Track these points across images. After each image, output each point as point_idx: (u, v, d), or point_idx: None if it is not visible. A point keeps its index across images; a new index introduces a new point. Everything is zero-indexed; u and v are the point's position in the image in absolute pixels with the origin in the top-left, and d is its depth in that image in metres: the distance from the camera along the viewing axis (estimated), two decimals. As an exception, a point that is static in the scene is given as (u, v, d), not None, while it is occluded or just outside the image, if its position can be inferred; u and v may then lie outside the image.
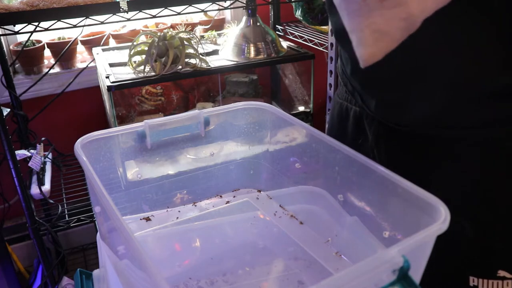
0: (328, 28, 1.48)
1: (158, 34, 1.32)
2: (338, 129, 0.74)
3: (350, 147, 0.56)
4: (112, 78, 1.26)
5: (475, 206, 0.58)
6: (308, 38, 1.54)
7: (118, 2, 1.16)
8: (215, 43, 1.57)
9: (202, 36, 1.60)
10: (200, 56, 1.34)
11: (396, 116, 0.61)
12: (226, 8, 1.43)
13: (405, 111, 0.59)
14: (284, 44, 1.53)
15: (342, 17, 0.43)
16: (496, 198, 0.57)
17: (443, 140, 0.58)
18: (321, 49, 1.49)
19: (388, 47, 0.42)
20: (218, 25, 1.80)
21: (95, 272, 0.62)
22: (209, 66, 1.34)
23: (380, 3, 0.40)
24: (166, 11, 1.25)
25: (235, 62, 1.40)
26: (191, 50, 1.34)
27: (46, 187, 1.33)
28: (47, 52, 1.65)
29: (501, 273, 0.58)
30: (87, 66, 1.64)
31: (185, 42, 1.33)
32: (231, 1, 1.39)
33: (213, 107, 1.30)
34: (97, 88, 1.64)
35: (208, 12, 1.58)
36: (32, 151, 1.44)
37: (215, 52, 1.48)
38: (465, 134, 0.56)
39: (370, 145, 0.66)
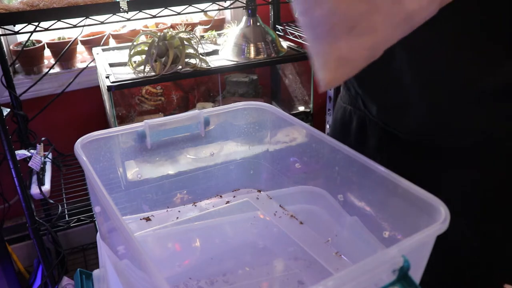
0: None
1: (158, 34, 1.32)
2: (340, 132, 0.74)
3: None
4: (112, 78, 1.26)
5: (475, 207, 0.58)
6: (308, 38, 1.54)
7: (118, 2, 1.16)
8: (215, 43, 1.57)
9: (202, 36, 1.60)
10: (200, 56, 1.34)
11: (397, 120, 0.61)
12: (226, 8, 1.43)
13: (405, 113, 0.59)
14: (284, 44, 1.53)
15: (306, 39, 0.43)
16: (496, 198, 0.57)
17: (444, 143, 0.57)
18: (321, 49, 1.48)
19: (349, 73, 0.42)
20: (218, 25, 1.80)
21: (95, 272, 0.62)
22: (209, 66, 1.34)
23: (347, 32, 0.39)
24: (166, 11, 1.25)
25: (235, 62, 1.40)
26: (191, 50, 1.34)
27: (46, 187, 1.33)
28: (47, 52, 1.65)
29: (507, 287, 0.57)
30: (87, 66, 1.64)
31: (185, 42, 1.33)
32: (231, 1, 1.39)
33: (213, 107, 1.30)
34: (97, 88, 1.64)
35: (208, 12, 1.58)
36: (32, 151, 1.44)
37: (215, 52, 1.48)
38: (465, 136, 0.56)
39: (373, 151, 0.66)
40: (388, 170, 0.52)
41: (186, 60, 1.33)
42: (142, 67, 1.30)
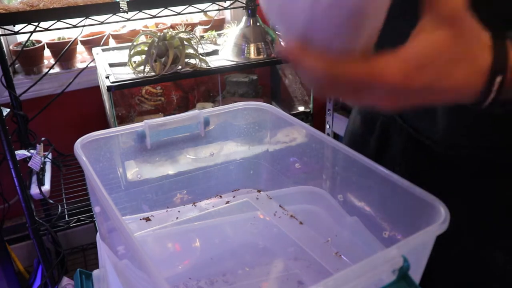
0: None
1: (158, 34, 1.32)
2: (360, 141, 0.72)
3: (371, 159, 0.55)
4: (112, 78, 1.26)
5: (490, 219, 0.56)
6: (308, 38, 1.54)
7: (118, 2, 1.16)
8: (215, 43, 1.57)
9: (202, 36, 1.60)
10: (200, 56, 1.34)
11: (426, 125, 0.58)
12: (226, 8, 1.43)
13: (434, 117, 0.57)
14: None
15: None
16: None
17: (471, 160, 0.56)
18: (321, 49, 1.48)
19: None
20: (218, 25, 1.80)
21: (95, 272, 0.62)
22: (209, 66, 1.34)
23: None
24: (166, 11, 1.25)
25: (235, 62, 1.40)
26: (191, 50, 1.34)
27: (46, 187, 1.33)
28: (47, 52, 1.65)
29: None
30: (87, 66, 1.64)
31: (185, 42, 1.33)
32: (231, 1, 1.39)
33: (213, 107, 1.30)
34: (97, 88, 1.64)
35: (208, 12, 1.58)
36: (32, 151, 1.44)
37: (215, 52, 1.48)
38: (493, 155, 0.54)
39: (393, 160, 0.64)
40: (388, 170, 0.52)
41: (186, 60, 1.33)
42: (142, 67, 1.30)
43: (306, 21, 0.36)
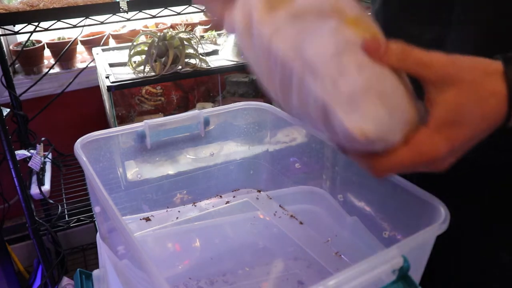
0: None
1: (158, 34, 1.32)
2: None
3: None
4: (112, 78, 1.26)
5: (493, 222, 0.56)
6: (308, 38, 1.54)
7: (118, 2, 1.16)
8: (215, 43, 1.57)
9: (202, 36, 1.60)
10: (200, 56, 1.34)
11: None
12: (226, 8, 1.42)
13: None
14: (284, 44, 1.52)
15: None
16: None
17: (472, 160, 0.55)
18: (321, 49, 1.48)
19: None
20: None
21: (95, 272, 0.62)
22: (209, 66, 1.34)
23: None
24: (166, 11, 1.25)
25: (235, 62, 1.40)
26: (191, 50, 1.34)
27: (46, 187, 1.33)
28: (47, 52, 1.65)
29: None
30: (87, 66, 1.64)
31: (185, 42, 1.33)
32: (231, 1, 1.38)
33: (213, 107, 1.30)
34: (97, 88, 1.64)
35: (208, 12, 1.58)
36: (32, 151, 1.44)
37: (215, 52, 1.48)
38: (495, 156, 0.54)
39: None
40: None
41: (186, 60, 1.33)
42: (142, 67, 1.30)
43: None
